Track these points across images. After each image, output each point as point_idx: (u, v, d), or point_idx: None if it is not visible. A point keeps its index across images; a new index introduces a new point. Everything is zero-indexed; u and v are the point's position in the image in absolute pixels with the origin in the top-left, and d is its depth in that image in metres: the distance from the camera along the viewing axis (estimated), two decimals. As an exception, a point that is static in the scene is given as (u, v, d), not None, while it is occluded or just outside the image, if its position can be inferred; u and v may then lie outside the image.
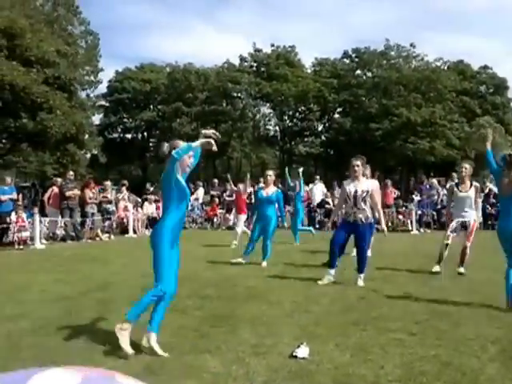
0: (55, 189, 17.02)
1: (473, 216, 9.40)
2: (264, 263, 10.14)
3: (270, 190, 10.40)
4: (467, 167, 9.58)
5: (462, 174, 9.52)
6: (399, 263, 9.91)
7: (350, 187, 8.10)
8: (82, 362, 4.41)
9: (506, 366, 4.20)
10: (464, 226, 9.30)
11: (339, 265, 8.37)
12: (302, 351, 4.52)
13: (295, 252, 12.11)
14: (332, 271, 8.16)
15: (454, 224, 9.34)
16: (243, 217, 14.60)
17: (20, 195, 19.10)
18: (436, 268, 9.14)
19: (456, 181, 11.56)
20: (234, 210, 18.13)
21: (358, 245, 8.19)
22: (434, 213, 19.46)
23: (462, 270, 9.06)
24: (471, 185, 9.40)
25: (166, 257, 4.74)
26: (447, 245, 9.23)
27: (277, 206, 10.72)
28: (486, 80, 58.33)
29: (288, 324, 5.64)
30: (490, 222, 18.84)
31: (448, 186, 13.93)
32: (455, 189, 9.50)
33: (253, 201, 17.39)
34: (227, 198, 21.03)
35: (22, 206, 16.55)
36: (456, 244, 9.23)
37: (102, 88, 54.09)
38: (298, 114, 58.90)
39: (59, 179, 17.84)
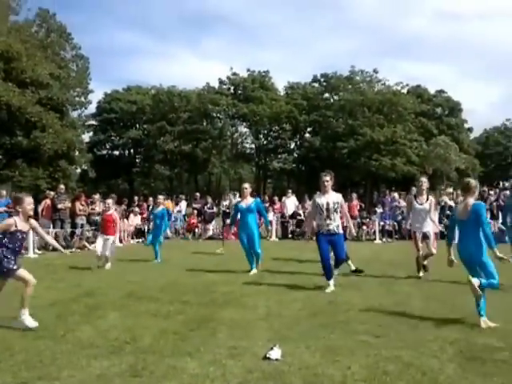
0: (48, 201, 16.78)
1: (430, 227, 9.52)
2: (254, 270, 10.00)
3: (249, 201, 10.39)
4: (425, 181, 9.78)
5: (422, 188, 9.65)
6: (364, 270, 9.89)
7: (322, 200, 8.06)
8: (69, 365, 4.32)
9: (463, 367, 4.20)
10: (425, 237, 9.42)
11: (310, 271, 8.33)
12: (275, 353, 4.48)
13: (269, 260, 12.03)
14: (331, 282, 7.97)
15: (418, 236, 9.45)
16: (111, 239, 11.62)
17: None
18: (420, 273, 9.30)
19: (414, 193, 11.67)
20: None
21: (337, 253, 8.11)
22: (396, 223, 19.55)
23: (421, 274, 9.18)
24: (427, 198, 9.51)
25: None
26: (422, 255, 9.34)
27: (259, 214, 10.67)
28: (441, 103, 59.41)
29: (262, 328, 5.60)
30: (445, 233, 18.98)
31: (407, 198, 14.08)
32: (413, 201, 9.59)
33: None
34: (208, 211, 21.06)
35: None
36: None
37: (92, 108, 53.88)
38: (272, 132, 59.15)
39: (52, 192, 17.62)
